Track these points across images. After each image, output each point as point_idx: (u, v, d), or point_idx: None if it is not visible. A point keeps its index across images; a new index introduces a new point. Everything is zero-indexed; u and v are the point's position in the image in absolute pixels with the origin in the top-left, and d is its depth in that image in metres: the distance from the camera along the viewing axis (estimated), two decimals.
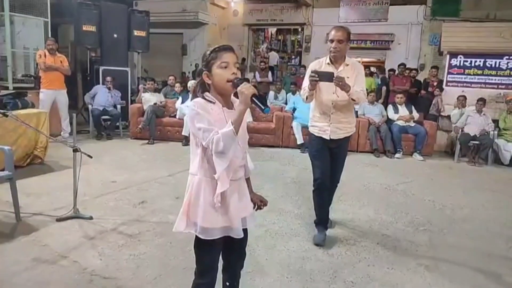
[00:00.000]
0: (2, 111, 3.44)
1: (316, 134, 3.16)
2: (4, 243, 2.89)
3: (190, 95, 1.64)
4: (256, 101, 1.58)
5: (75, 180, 3.35)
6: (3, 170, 3.41)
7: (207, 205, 1.63)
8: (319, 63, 3.13)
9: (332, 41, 2.95)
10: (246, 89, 1.55)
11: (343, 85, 2.79)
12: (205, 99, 1.63)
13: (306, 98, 3.08)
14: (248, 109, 1.66)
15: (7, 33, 6.62)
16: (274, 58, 13.42)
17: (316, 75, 2.82)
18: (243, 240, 1.78)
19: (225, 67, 1.62)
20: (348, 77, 2.89)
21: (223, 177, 1.59)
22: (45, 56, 6.44)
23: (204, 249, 1.70)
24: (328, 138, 3.07)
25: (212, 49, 1.65)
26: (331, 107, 3.04)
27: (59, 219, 3.31)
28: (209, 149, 1.55)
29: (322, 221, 3.27)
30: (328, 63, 3.05)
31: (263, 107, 1.60)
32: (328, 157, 3.17)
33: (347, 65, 3.02)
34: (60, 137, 6.62)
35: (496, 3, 10.15)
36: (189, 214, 1.66)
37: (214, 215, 1.63)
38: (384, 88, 8.63)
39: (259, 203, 1.88)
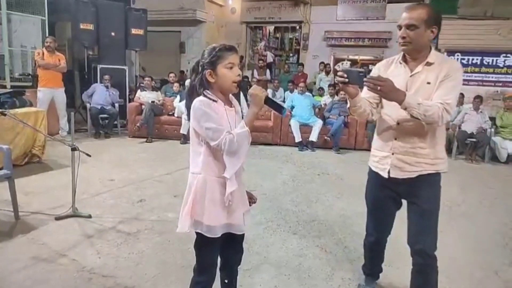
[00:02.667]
0: (0, 110, 3.44)
1: (372, 168, 2.15)
2: (3, 242, 2.89)
3: (186, 97, 1.63)
4: (272, 104, 1.65)
5: (74, 179, 3.35)
6: (1, 169, 3.42)
7: (212, 204, 1.64)
8: (388, 63, 2.10)
9: (399, 27, 1.91)
10: (259, 91, 1.59)
11: (383, 92, 1.77)
12: (206, 97, 1.63)
13: (353, 110, 2.06)
14: (245, 105, 1.68)
15: (4, 31, 6.61)
16: (269, 57, 13.43)
17: (345, 75, 1.85)
18: (241, 237, 1.81)
19: (231, 68, 1.63)
20: (429, 83, 1.89)
21: (233, 176, 1.61)
22: (43, 54, 6.44)
23: (206, 247, 1.71)
24: (386, 175, 2.03)
25: (217, 48, 1.64)
26: (394, 128, 1.99)
27: (58, 218, 3.32)
28: (221, 149, 1.56)
29: (374, 272, 2.52)
30: (400, 62, 2.02)
31: (281, 109, 1.68)
32: (390, 207, 2.16)
33: (430, 64, 1.92)
34: (58, 135, 6.62)
35: (493, 0, 10.16)
36: (193, 213, 1.65)
37: (218, 213, 1.65)
38: None
39: (249, 199, 1.89)
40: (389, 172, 2.01)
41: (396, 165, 1.99)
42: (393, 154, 2.00)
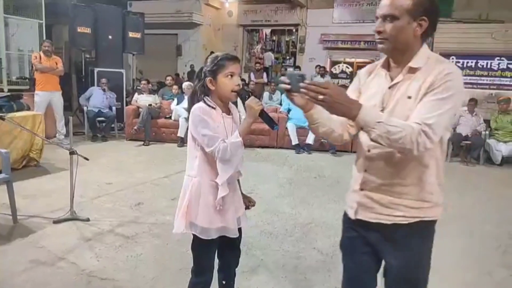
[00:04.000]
0: None
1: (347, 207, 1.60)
2: (2, 245, 2.91)
3: (186, 97, 1.67)
4: (266, 118, 1.68)
5: (72, 182, 3.38)
6: (0, 172, 3.44)
7: (207, 206, 1.69)
8: (369, 69, 1.59)
9: (376, 18, 1.43)
10: (255, 104, 1.64)
11: (327, 104, 1.25)
12: (206, 103, 1.68)
13: (313, 129, 1.52)
14: (242, 109, 1.73)
15: (1, 35, 6.62)
16: (269, 58, 13.48)
17: (287, 80, 1.36)
18: (238, 239, 1.85)
19: (231, 77, 1.68)
20: (409, 97, 1.34)
21: (225, 182, 1.66)
22: (40, 58, 6.45)
23: (202, 249, 1.76)
24: (353, 216, 1.52)
25: (219, 57, 1.69)
26: (365, 156, 1.49)
27: (56, 221, 3.34)
28: (215, 156, 1.61)
29: None
30: (382, 66, 1.50)
31: (273, 125, 1.69)
32: (364, 255, 1.55)
33: (414, 70, 1.37)
34: (55, 139, 6.63)
35: (488, 3, 10.26)
36: (188, 215, 1.71)
37: (213, 216, 1.70)
38: None
39: (247, 203, 1.94)
40: (355, 212, 1.50)
41: (365, 205, 1.46)
42: (361, 190, 1.48)
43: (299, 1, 11.84)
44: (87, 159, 3.37)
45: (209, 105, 1.68)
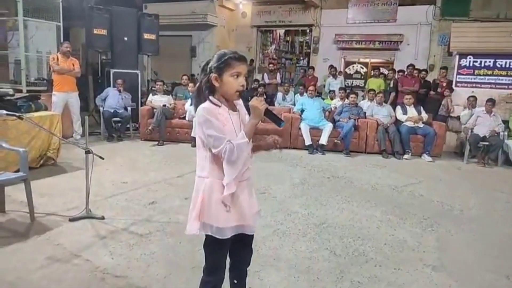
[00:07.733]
0: (18, 114, 3.53)
1: None
2: (20, 242, 2.98)
3: (194, 95, 1.67)
4: (272, 117, 1.67)
5: (88, 181, 3.43)
6: (18, 171, 3.51)
7: (220, 206, 1.68)
8: None
9: None
10: (258, 103, 1.62)
11: None
12: (211, 102, 1.68)
13: None
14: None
15: (21, 37, 6.77)
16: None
17: None
18: (250, 238, 1.85)
19: (237, 77, 1.67)
20: None
21: (231, 182, 1.65)
22: (57, 59, 6.58)
23: (215, 247, 1.75)
24: None
25: (227, 56, 1.68)
26: None
27: (72, 219, 3.39)
28: (221, 157, 1.61)
29: None
30: None
31: (279, 122, 1.70)
32: None
33: None
34: (72, 138, 6.75)
35: (506, 2, 10.05)
36: (202, 216, 1.70)
37: (227, 215, 1.69)
38: (393, 94, 8.88)
39: (276, 140, 1.86)
40: None
41: None
42: None
43: (313, 1, 11.79)
44: (102, 158, 3.42)
45: (214, 104, 1.67)
